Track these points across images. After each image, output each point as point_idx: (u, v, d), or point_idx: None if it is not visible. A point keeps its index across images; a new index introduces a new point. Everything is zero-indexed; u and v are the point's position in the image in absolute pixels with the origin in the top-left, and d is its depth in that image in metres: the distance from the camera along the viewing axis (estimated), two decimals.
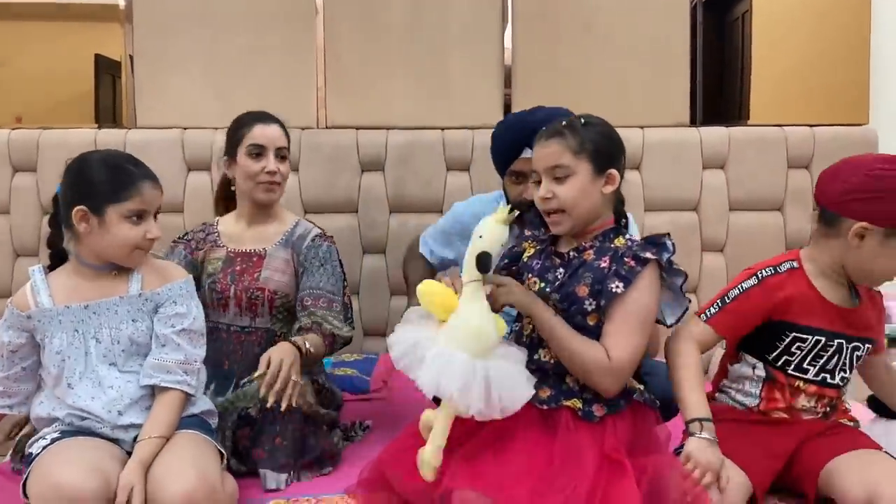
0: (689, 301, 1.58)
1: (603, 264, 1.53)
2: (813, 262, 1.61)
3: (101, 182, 1.58)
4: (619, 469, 1.42)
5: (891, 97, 2.92)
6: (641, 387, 1.59)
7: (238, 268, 1.97)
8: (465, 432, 1.50)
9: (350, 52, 2.81)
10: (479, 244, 1.51)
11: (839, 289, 1.61)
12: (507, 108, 2.81)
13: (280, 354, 1.67)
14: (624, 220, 1.62)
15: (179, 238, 2.07)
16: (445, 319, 1.48)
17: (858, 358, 1.61)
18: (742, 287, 1.61)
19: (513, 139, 1.97)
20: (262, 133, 1.98)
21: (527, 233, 1.71)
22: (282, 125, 2.05)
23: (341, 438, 1.91)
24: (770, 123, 2.85)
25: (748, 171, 2.77)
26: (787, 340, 1.59)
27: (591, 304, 1.52)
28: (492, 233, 1.52)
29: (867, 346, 1.61)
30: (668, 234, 1.55)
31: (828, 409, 1.63)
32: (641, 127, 2.80)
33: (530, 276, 1.62)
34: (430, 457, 1.41)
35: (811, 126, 2.81)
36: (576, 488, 1.37)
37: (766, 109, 2.96)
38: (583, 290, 1.53)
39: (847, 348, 1.58)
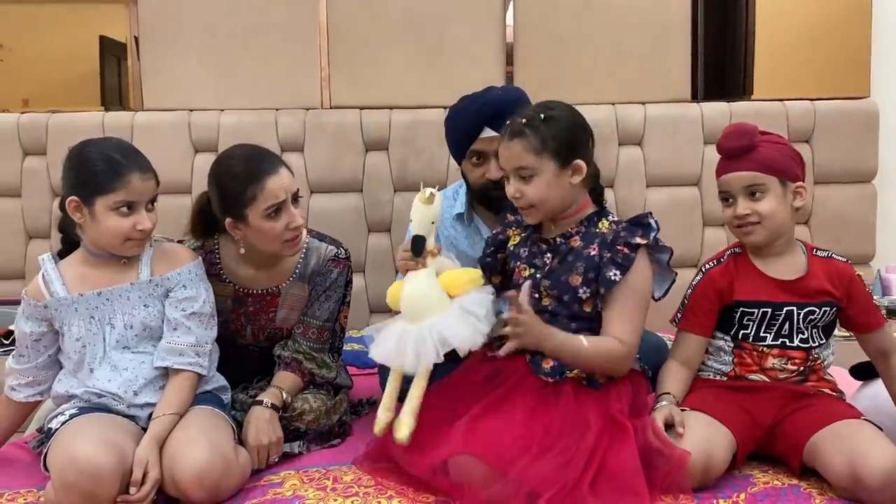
0: (675, 273, 1.64)
1: (593, 252, 1.57)
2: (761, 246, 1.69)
3: (89, 173, 1.59)
4: (621, 431, 1.48)
5: (892, 70, 2.92)
6: (637, 355, 1.65)
7: (251, 308, 1.88)
8: (465, 403, 1.56)
9: (353, 33, 2.82)
10: (412, 227, 1.62)
11: (784, 262, 1.68)
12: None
13: (263, 441, 1.64)
14: (605, 201, 1.66)
15: None
16: None
17: (813, 322, 1.66)
18: (693, 285, 1.74)
19: (473, 118, 1.96)
20: (277, 186, 1.70)
21: (509, 217, 1.74)
22: (283, 162, 1.76)
23: (349, 413, 1.95)
24: (771, 98, 2.86)
25: None
26: (738, 315, 1.68)
27: (585, 293, 1.57)
28: (417, 214, 1.62)
29: (824, 309, 1.66)
30: (650, 212, 1.60)
31: (802, 368, 1.67)
32: (643, 103, 2.81)
33: (519, 264, 1.67)
34: (383, 416, 1.57)
35: (812, 100, 2.82)
36: (578, 449, 1.43)
37: (768, 84, 2.97)
38: (576, 280, 1.58)
39: (798, 314, 1.65)
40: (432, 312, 1.55)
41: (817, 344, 1.67)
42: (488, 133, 1.94)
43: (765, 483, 1.54)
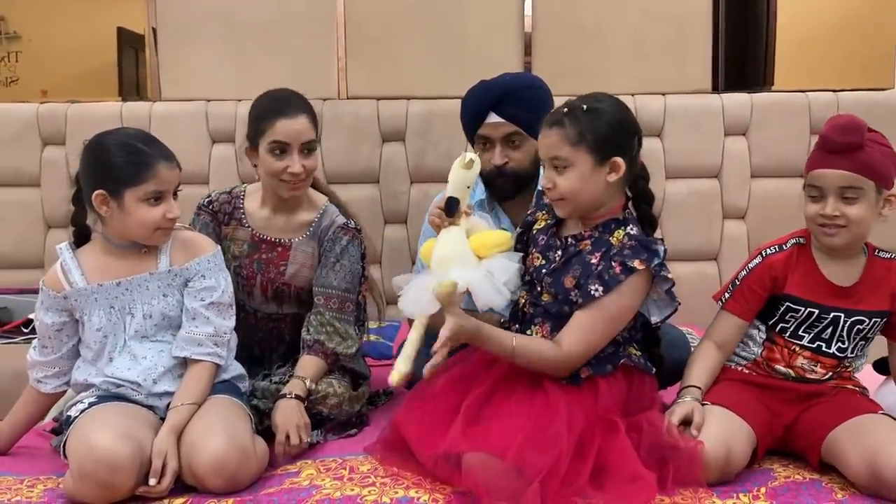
0: (678, 303, 1.58)
1: (594, 260, 1.55)
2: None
3: (116, 166, 1.58)
4: (613, 427, 1.48)
5: None
6: (638, 352, 1.63)
7: (264, 256, 1.92)
8: (460, 392, 1.58)
9: (370, 23, 2.81)
10: (448, 189, 1.69)
11: (845, 266, 1.62)
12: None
13: (293, 422, 1.64)
14: (628, 211, 1.60)
15: (204, 205, 1.96)
16: None
17: (860, 332, 1.62)
18: (749, 268, 1.67)
19: (477, 104, 1.95)
20: (285, 129, 1.81)
21: (545, 199, 1.71)
22: (309, 112, 1.87)
23: (366, 405, 1.95)
24: (793, 89, 2.82)
25: (770, 138, 2.74)
26: (782, 309, 1.64)
27: (576, 296, 1.55)
28: (455, 178, 1.68)
29: (875, 320, 1.61)
30: (661, 239, 1.57)
31: (830, 374, 1.64)
32: (663, 94, 2.78)
33: (535, 251, 1.66)
34: (400, 363, 1.59)
35: (835, 91, 2.78)
36: (566, 438, 1.43)
37: (790, 74, 2.94)
38: (570, 282, 1.57)
39: (844, 321, 1.60)
40: (458, 269, 1.60)
41: (854, 355, 1.63)
42: (493, 118, 1.93)
43: (786, 477, 1.53)
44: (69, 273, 1.64)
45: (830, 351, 1.62)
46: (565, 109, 1.55)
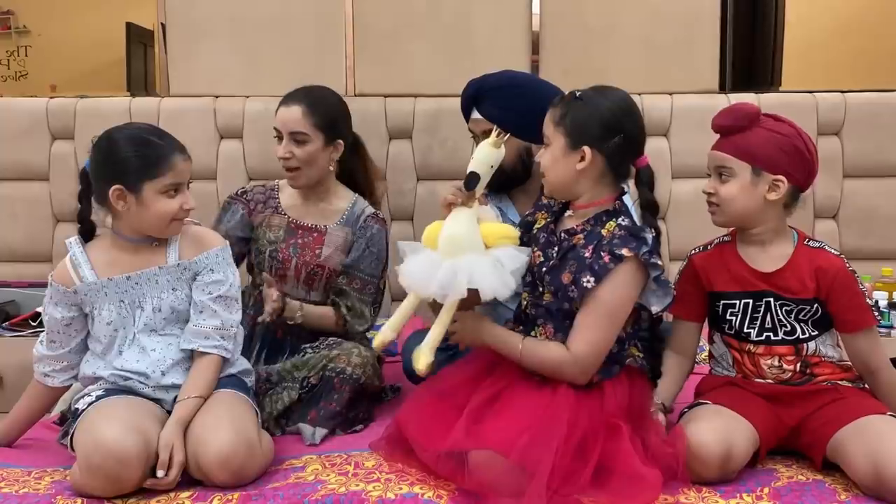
0: (675, 290, 1.60)
1: (587, 253, 1.56)
2: (743, 232, 1.68)
3: (133, 160, 1.59)
4: (617, 431, 1.48)
5: None
6: (640, 354, 1.63)
7: (300, 241, 2.01)
8: (466, 393, 1.58)
9: (378, 20, 2.82)
10: (471, 164, 1.64)
11: (767, 252, 1.66)
12: (534, 74, 2.81)
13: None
14: (618, 203, 1.60)
15: (237, 195, 2.08)
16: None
17: (789, 312, 1.62)
18: (680, 271, 1.74)
19: (463, 100, 2.03)
20: (278, 117, 1.97)
21: (544, 200, 1.73)
22: (308, 104, 1.95)
23: (371, 400, 1.96)
24: (801, 90, 2.82)
25: None
26: (720, 308, 1.68)
27: (573, 292, 1.55)
28: (481, 154, 1.64)
29: (802, 307, 1.62)
30: (651, 227, 1.57)
31: (799, 365, 1.64)
32: (670, 93, 2.78)
33: (536, 249, 1.67)
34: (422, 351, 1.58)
35: (843, 92, 2.77)
36: (566, 437, 1.44)
37: (798, 75, 2.94)
38: (567, 278, 1.57)
39: (775, 304, 1.63)
40: (467, 253, 1.59)
41: (807, 336, 1.63)
42: (475, 114, 1.99)
43: (789, 478, 1.53)
44: (79, 267, 1.65)
45: (779, 338, 1.64)
46: (567, 93, 1.62)
